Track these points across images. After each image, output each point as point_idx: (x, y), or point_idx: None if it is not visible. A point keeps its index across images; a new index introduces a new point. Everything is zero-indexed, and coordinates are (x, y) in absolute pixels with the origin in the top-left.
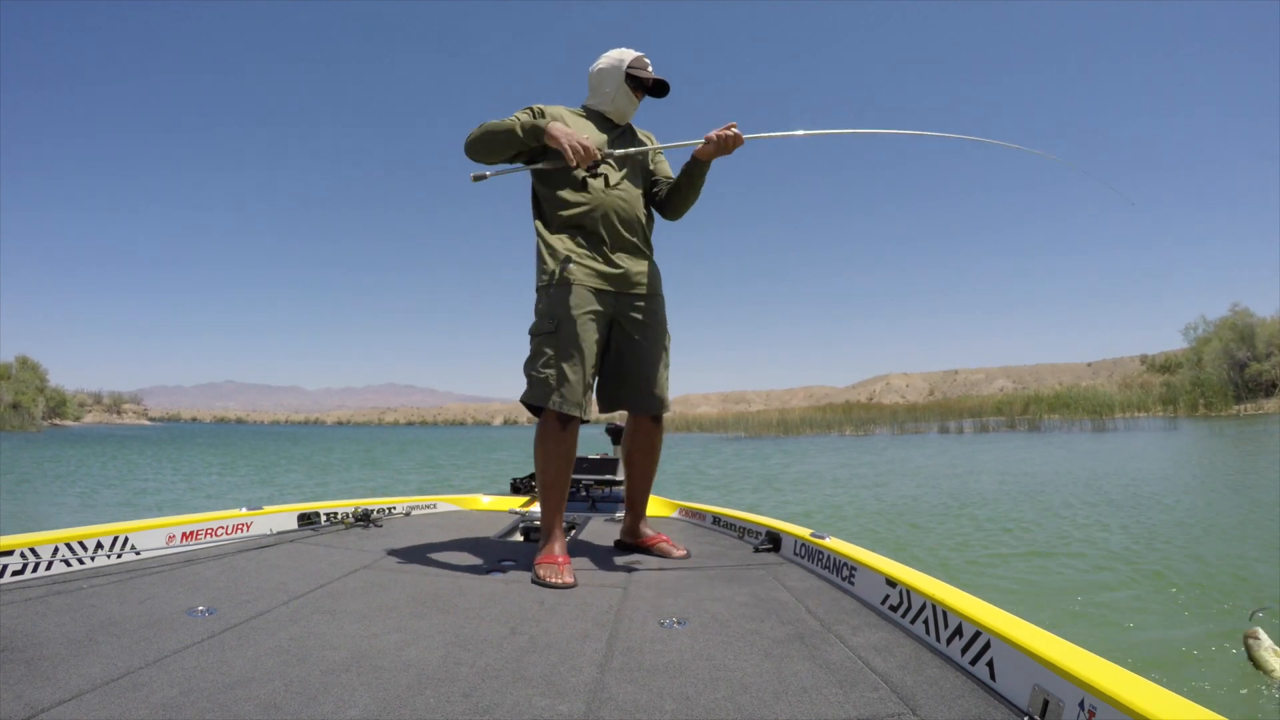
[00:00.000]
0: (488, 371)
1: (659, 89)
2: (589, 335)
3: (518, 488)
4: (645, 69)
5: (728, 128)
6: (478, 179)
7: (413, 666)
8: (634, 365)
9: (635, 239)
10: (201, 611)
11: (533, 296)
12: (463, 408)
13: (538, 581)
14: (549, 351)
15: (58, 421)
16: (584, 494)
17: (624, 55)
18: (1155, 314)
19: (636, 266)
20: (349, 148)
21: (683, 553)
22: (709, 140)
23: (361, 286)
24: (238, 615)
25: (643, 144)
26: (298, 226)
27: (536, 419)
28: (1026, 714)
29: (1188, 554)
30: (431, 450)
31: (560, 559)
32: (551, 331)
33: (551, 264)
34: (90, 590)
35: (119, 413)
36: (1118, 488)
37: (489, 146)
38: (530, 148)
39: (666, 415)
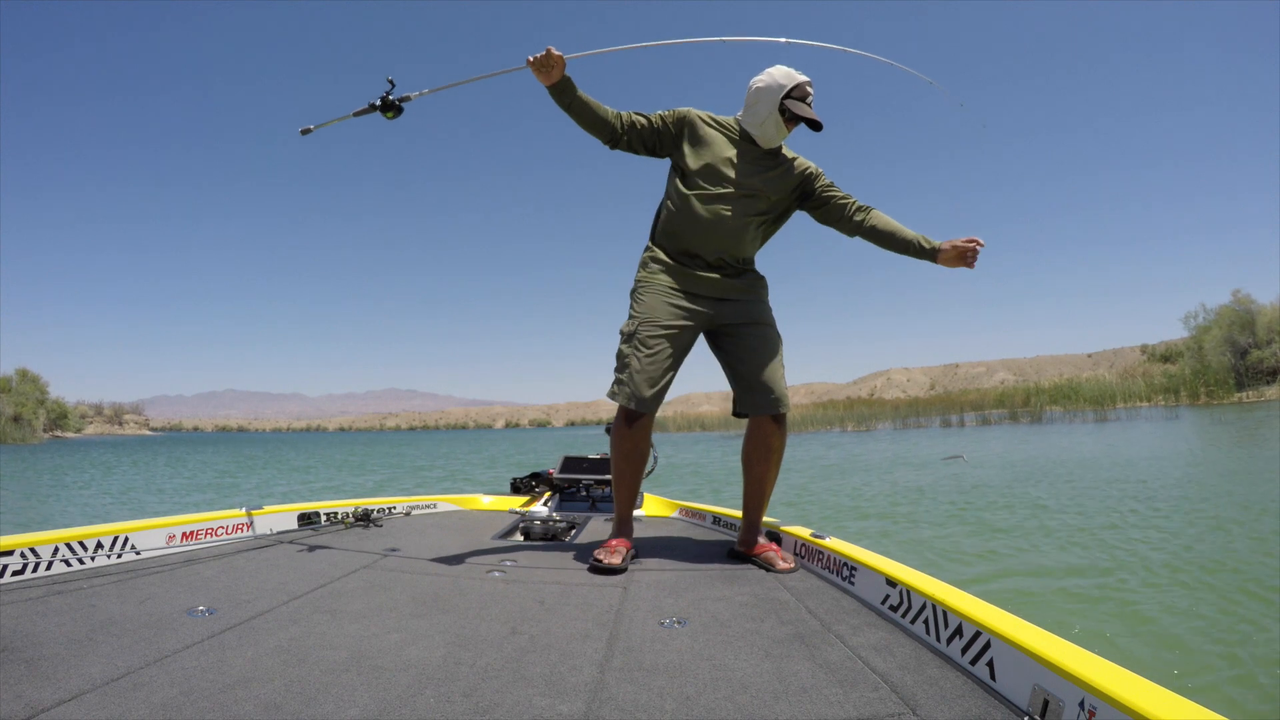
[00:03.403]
0: (489, 375)
1: (811, 125)
2: (663, 338)
3: (518, 488)
4: (804, 99)
5: (973, 242)
6: (305, 132)
7: (413, 666)
8: (746, 366)
9: (735, 257)
10: (201, 611)
11: (528, 302)
12: (464, 411)
13: (593, 563)
14: (626, 351)
15: (59, 434)
16: (584, 494)
17: (787, 80)
18: (1155, 304)
19: (731, 279)
20: (347, 155)
21: (789, 565)
22: (960, 254)
23: (362, 292)
24: (238, 615)
25: (786, 169)
26: (296, 234)
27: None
28: (1026, 714)
29: (1180, 544)
30: (414, 452)
31: (613, 543)
32: (630, 333)
33: (641, 269)
34: (90, 590)
35: (120, 424)
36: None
37: (578, 121)
38: (565, 103)
39: (669, 414)
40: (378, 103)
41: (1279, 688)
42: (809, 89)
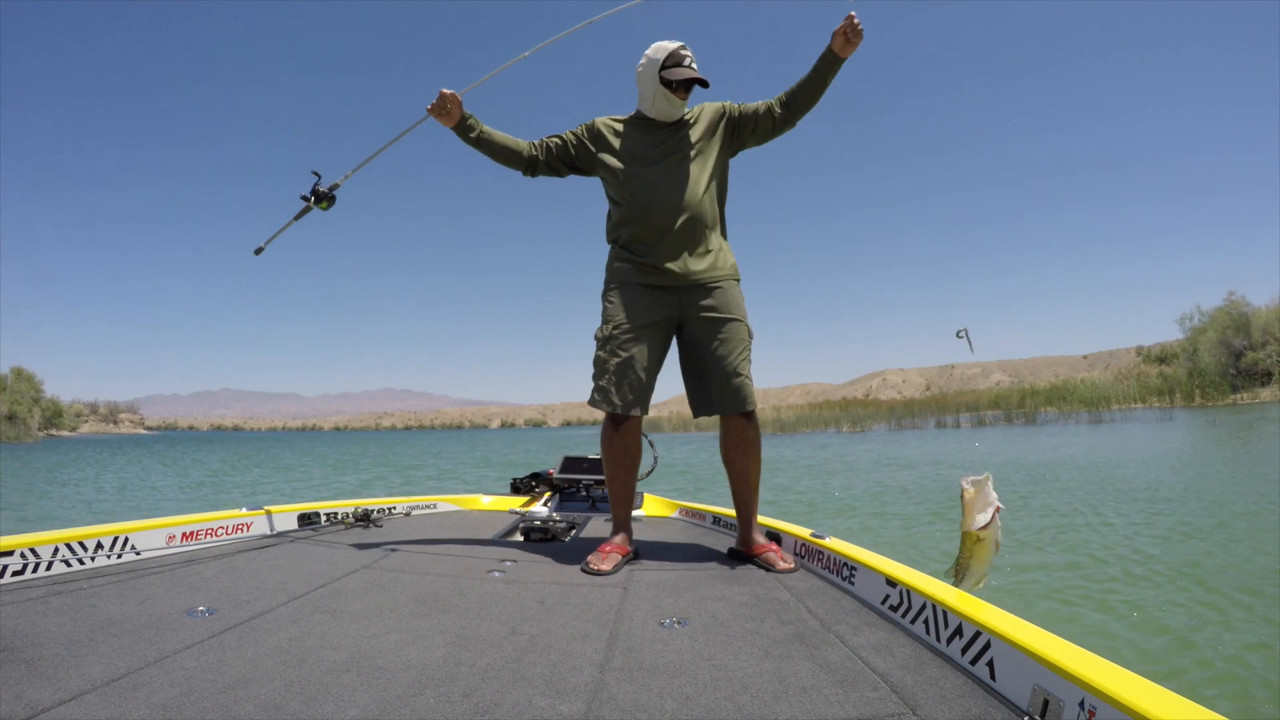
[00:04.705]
0: (484, 375)
1: (699, 84)
2: (638, 339)
3: (518, 488)
4: (680, 64)
5: (846, 21)
6: (257, 252)
7: (413, 666)
8: (709, 363)
9: (692, 231)
10: (201, 611)
11: (524, 301)
12: (460, 411)
13: (583, 567)
14: (602, 356)
15: (54, 432)
16: (584, 494)
17: (659, 54)
18: (1151, 306)
19: (694, 261)
20: (341, 154)
21: (789, 565)
22: (845, 37)
23: (358, 292)
24: (238, 615)
25: (695, 124)
26: (293, 233)
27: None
28: (1026, 714)
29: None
30: (408, 451)
31: (606, 548)
32: (605, 338)
33: (607, 271)
34: (90, 590)
35: (115, 422)
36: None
37: (489, 155)
38: (472, 140)
39: (665, 415)
40: (310, 197)
41: (1274, 685)
42: (683, 53)
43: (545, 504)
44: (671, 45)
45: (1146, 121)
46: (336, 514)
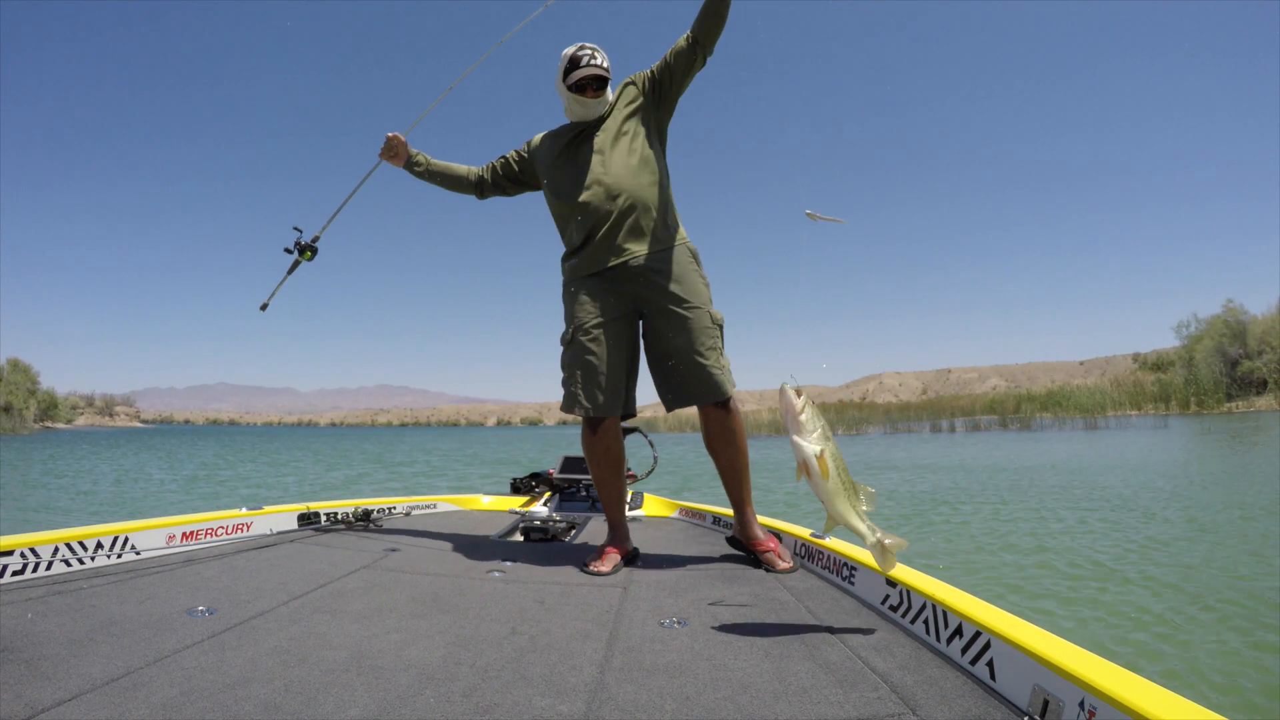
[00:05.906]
0: (481, 373)
1: (601, 78)
2: (600, 336)
3: (518, 488)
4: (579, 65)
5: None
6: (263, 308)
7: (413, 666)
8: (675, 356)
9: (628, 215)
10: (201, 611)
11: (522, 298)
12: (456, 409)
13: (583, 569)
14: (569, 359)
15: (49, 424)
16: (584, 494)
17: (562, 62)
18: (1147, 312)
19: (636, 243)
20: (336, 150)
21: (789, 565)
22: None
23: (355, 288)
24: (238, 615)
25: (619, 103)
26: (288, 228)
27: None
28: (1026, 714)
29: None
30: (403, 447)
31: (606, 549)
32: (568, 340)
33: (562, 272)
34: (90, 590)
35: (111, 415)
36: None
37: (442, 186)
38: (421, 174)
39: (661, 415)
40: (294, 250)
41: (1273, 685)
42: (581, 53)
43: (545, 504)
44: (571, 50)
45: (1147, 127)
46: (336, 514)
